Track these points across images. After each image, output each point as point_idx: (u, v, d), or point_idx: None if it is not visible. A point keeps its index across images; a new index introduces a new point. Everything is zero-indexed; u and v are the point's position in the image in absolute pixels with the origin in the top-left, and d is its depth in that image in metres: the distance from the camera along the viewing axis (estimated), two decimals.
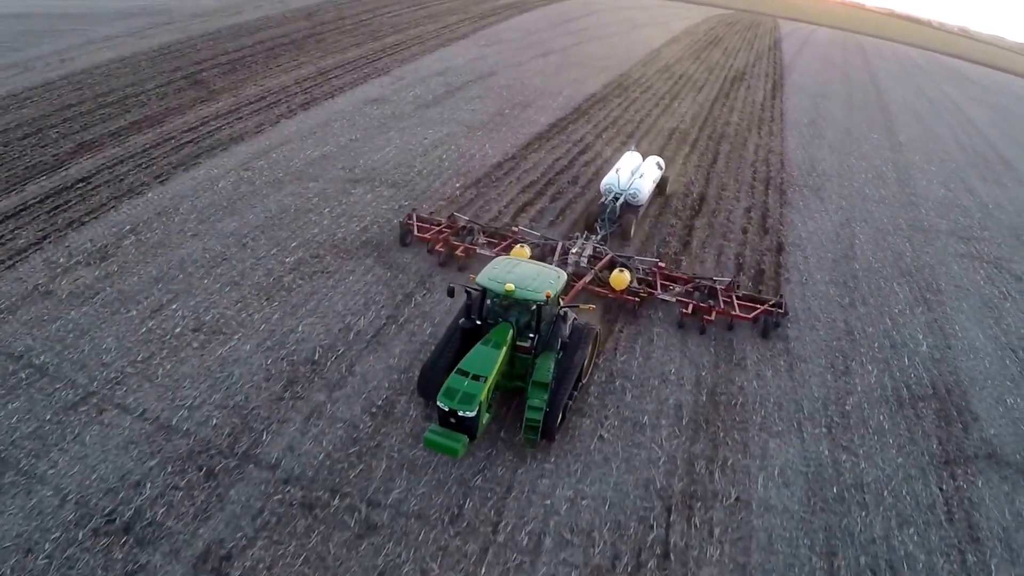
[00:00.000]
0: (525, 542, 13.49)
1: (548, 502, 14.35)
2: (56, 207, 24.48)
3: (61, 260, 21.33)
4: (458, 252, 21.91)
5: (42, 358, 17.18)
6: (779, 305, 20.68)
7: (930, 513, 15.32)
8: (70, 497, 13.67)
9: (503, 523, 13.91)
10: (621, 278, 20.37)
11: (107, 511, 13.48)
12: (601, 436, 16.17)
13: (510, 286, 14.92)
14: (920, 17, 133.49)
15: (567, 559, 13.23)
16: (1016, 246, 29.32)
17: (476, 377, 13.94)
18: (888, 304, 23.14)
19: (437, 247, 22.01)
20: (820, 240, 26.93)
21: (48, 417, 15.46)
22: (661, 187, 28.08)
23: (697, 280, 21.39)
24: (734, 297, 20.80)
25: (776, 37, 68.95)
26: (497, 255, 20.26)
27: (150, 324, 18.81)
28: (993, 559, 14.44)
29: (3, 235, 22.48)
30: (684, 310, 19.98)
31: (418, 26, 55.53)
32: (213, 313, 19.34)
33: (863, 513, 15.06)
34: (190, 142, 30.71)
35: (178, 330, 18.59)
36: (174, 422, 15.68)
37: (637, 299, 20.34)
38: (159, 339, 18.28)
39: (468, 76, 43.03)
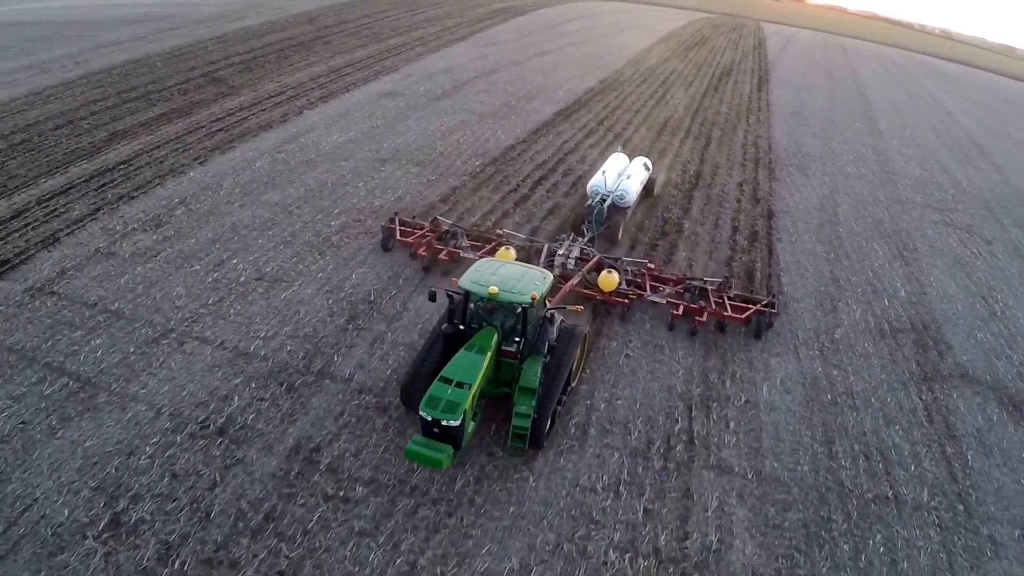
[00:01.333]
0: (573, 431, 15.97)
1: (588, 402, 16.85)
2: (102, 185, 26.57)
3: (118, 227, 23.47)
4: (441, 256, 21.30)
5: (116, 305, 19.27)
6: (772, 305, 20.37)
7: (912, 416, 17.87)
8: (163, 410, 15.70)
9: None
10: (610, 280, 19.94)
11: (200, 420, 15.54)
12: (627, 355, 18.72)
13: (493, 289, 14.32)
14: (902, 20, 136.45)
15: (609, 443, 15.74)
16: (986, 216, 32.22)
17: (460, 384, 13.41)
18: (869, 259, 25.86)
19: (420, 251, 21.54)
20: (806, 208, 29.69)
21: (132, 350, 17.55)
22: (649, 188, 27.94)
23: (687, 281, 21.01)
24: (725, 298, 20.47)
25: (760, 38, 72.33)
26: (481, 258, 19.17)
27: (215, 275, 21.01)
28: (969, 451, 16.90)
29: (57, 208, 24.58)
30: (675, 311, 19.63)
31: (418, 29, 58.19)
32: (272, 265, 21.62)
33: (854, 413, 17.60)
34: (220, 130, 32.91)
35: (242, 279, 20.85)
36: (251, 349, 17.86)
37: (626, 301, 19.97)
38: (225, 287, 20.49)
39: (472, 73, 45.66)
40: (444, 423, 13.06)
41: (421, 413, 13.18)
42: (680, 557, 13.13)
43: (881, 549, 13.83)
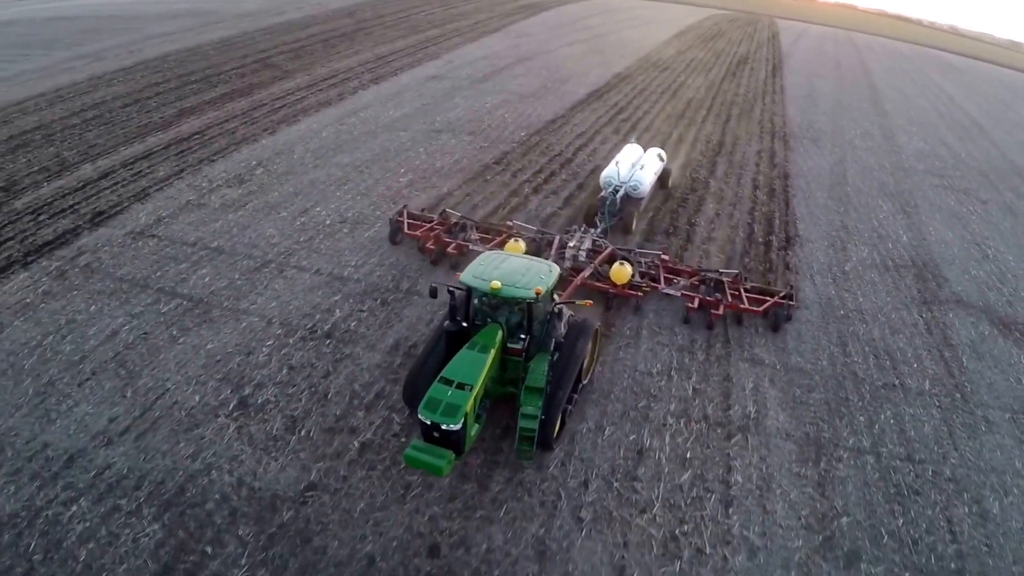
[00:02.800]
0: (628, 333, 19.31)
1: (640, 311, 20.37)
2: (181, 151, 29.80)
3: (203, 184, 26.72)
4: (450, 249, 21.10)
5: (215, 243, 22.42)
6: (790, 296, 19.80)
7: (914, 328, 21.10)
8: (274, 320, 18.69)
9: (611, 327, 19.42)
10: (622, 272, 19.52)
11: (308, 326, 18.59)
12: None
13: (496, 284, 13.63)
14: (911, 16, 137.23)
15: (659, 341, 19.04)
16: (983, 182, 35.45)
17: (461, 386, 12.66)
18: (875, 212, 29.18)
19: (428, 245, 21.24)
20: (818, 172, 33.05)
21: (236, 277, 20.62)
22: (663, 180, 27.46)
23: (702, 273, 20.63)
24: (742, 290, 20.02)
25: (774, 31, 75.64)
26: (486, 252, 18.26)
27: (302, 220, 24.32)
28: (963, 356, 19.88)
29: (142, 170, 27.75)
30: (690, 304, 19.30)
31: (453, 22, 61.86)
32: (353, 212, 25.08)
33: (864, 325, 20.86)
34: (283, 107, 36.37)
35: (328, 222, 24.23)
36: (345, 275, 21.06)
37: (639, 294, 19.55)
38: (313, 228, 23.78)
39: (509, 60, 49.26)
40: (444, 427, 12.24)
41: (420, 417, 12.37)
42: (725, 422, 16.34)
43: (891, 421, 16.87)
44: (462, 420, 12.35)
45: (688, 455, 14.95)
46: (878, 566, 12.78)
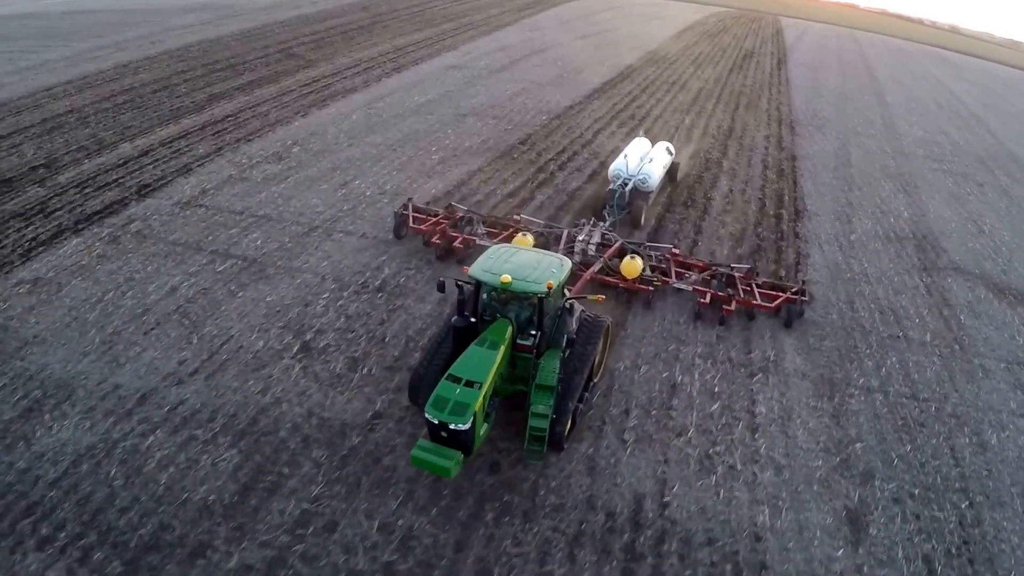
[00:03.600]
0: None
1: None
2: (217, 132, 31.19)
3: (243, 161, 28.16)
4: (456, 243, 20.92)
5: (262, 211, 23.96)
6: (802, 292, 19.69)
7: (915, 290, 22.82)
8: (327, 277, 20.19)
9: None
10: (633, 266, 19.16)
11: (360, 282, 20.11)
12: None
13: (506, 278, 13.11)
14: (912, 16, 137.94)
15: (685, 296, 20.86)
16: (979, 167, 37.22)
17: (469, 383, 12.21)
18: (877, 191, 30.93)
19: (434, 239, 20.97)
20: (823, 155, 34.81)
21: (286, 240, 22.18)
22: (672, 174, 27.20)
23: (714, 267, 20.37)
24: (754, 285, 19.87)
25: (777, 28, 77.44)
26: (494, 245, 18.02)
27: (343, 191, 25.89)
28: (961, 314, 21.58)
29: (181, 148, 29.10)
30: (702, 299, 19.03)
31: (465, 16, 63.52)
32: (391, 185, 26.70)
33: (869, 286, 22.58)
34: (311, 92, 37.79)
35: (368, 193, 25.85)
36: (390, 239, 22.63)
37: (650, 288, 19.26)
38: (355, 198, 25.38)
39: (524, 52, 50.96)
40: (452, 427, 11.85)
41: (427, 416, 12.00)
42: (747, 363, 17.98)
43: (897, 366, 18.55)
44: (471, 419, 11.86)
45: (716, 389, 16.66)
46: (890, 483, 14.45)
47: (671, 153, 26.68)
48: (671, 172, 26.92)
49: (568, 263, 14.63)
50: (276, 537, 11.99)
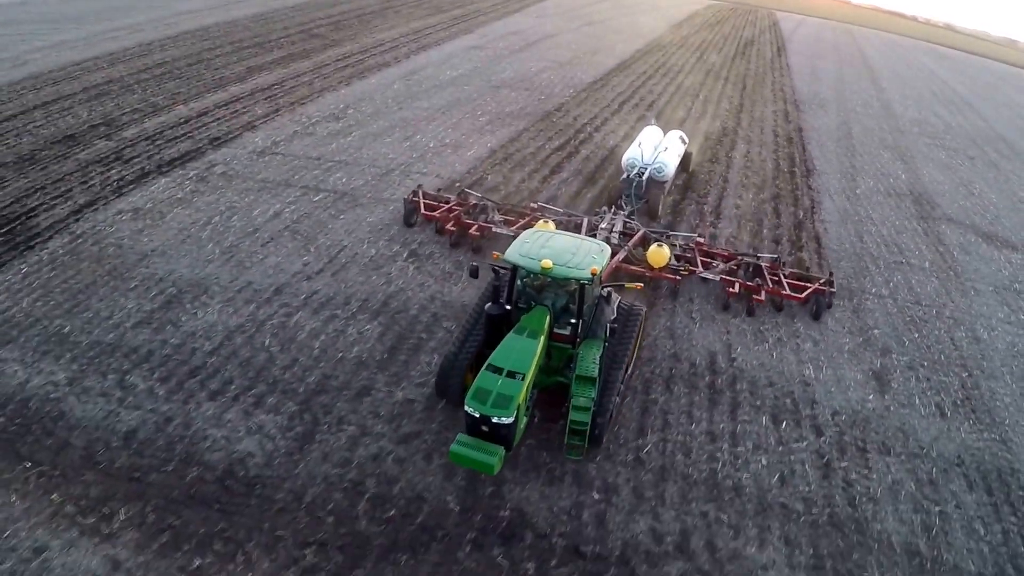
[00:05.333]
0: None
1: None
2: (268, 96, 33.73)
3: (303, 119, 30.83)
4: (472, 231, 20.23)
5: (338, 158, 26.67)
6: (830, 283, 19.21)
7: (914, 232, 26.12)
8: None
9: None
10: (660, 254, 18.48)
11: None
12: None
13: (547, 263, 12.44)
14: (906, 13, 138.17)
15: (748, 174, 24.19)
16: (970, 144, 40.77)
17: (511, 374, 11.61)
18: (877, 158, 34.36)
19: (447, 226, 20.38)
20: (827, 129, 38.22)
21: (369, 179, 25.08)
22: (685, 164, 26.66)
23: (740, 257, 19.88)
24: (781, 275, 19.30)
25: (773, 20, 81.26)
26: (516, 233, 17.45)
27: (407, 144, 28.76)
28: (955, 251, 24.85)
29: (238, 109, 31.63)
30: (730, 289, 18.47)
31: (473, 3, 66.24)
32: (450, 139, 29.58)
33: (874, 226, 25.84)
34: (347, 66, 40.35)
35: (431, 145, 28.83)
36: (459, 177, 25.74)
37: (677, 277, 18.65)
38: (420, 149, 28.29)
39: (537, 36, 54.09)
40: (495, 420, 11.26)
41: (467, 409, 11.42)
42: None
43: (902, 282, 21.79)
44: (515, 412, 11.29)
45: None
46: (904, 357, 17.76)
47: (684, 142, 26.13)
48: (684, 162, 26.38)
49: (607, 248, 13.89)
50: (428, 380, 14.87)
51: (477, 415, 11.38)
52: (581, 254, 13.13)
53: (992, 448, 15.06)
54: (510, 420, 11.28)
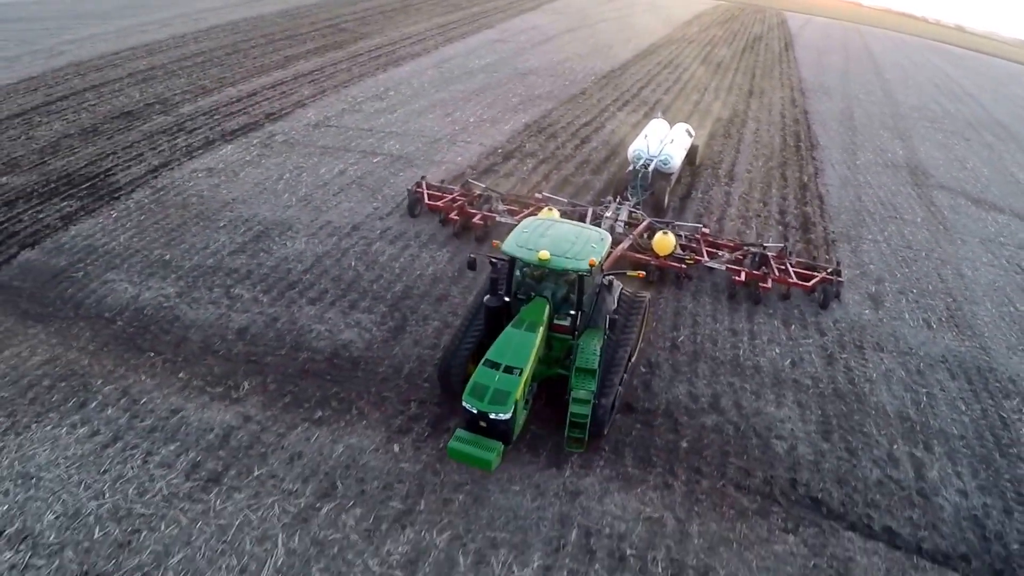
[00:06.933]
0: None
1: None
2: (311, 81, 36.64)
3: (349, 99, 33.85)
4: (475, 220, 20.31)
5: (389, 129, 29.71)
6: (837, 273, 19.11)
7: (909, 196, 28.83)
8: (466, 165, 26.44)
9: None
10: (666, 241, 18.38)
11: (494, 164, 26.68)
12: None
13: (544, 254, 12.28)
14: (916, 14, 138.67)
15: (758, 146, 27.13)
16: (967, 128, 43.37)
17: (509, 369, 11.53)
18: (877, 137, 37.07)
19: (451, 216, 20.50)
20: (831, 112, 41.04)
21: (420, 146, 27.98)
22: (691, 157, 26.84)
23: (746, 247, 19.76)
24: (788, 264, 19.16)
25: (781, 18, 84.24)
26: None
27: (448, 120, 31.71)
28: (945, 211, 27.45)
29: (286, 91, 34.62)
30: (736, 278, 18.27)
31: (490, 1, 69.56)
32: (487, 115, 32.52)
33: (871, 190, 28.42)
34: (379, 56, 43.36)
35: (472, 120, 31.84)
36: (500, 149, 28.50)
37: (683, 266, 18.53)
38: (462, 123, 31.28)
39: (555, 30, 57.17)
40: (493, 416, 11.26)
41: (465, 405, 11.39)
42: (784, 222, 24.48)
43: (895, 232, 24.41)
44: (512, 408, 11.25)
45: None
46: (896, 284, 20.52)
47: (691, 135, 26.26)
48: (691, 155, 26.56)
49: (608, 237, 13.64)
50: None
51: (475, 411, 11.33)
52: (580, 244, 12.84)
53: (973, 352, 17.81)
54: (508, 416, 11.25)
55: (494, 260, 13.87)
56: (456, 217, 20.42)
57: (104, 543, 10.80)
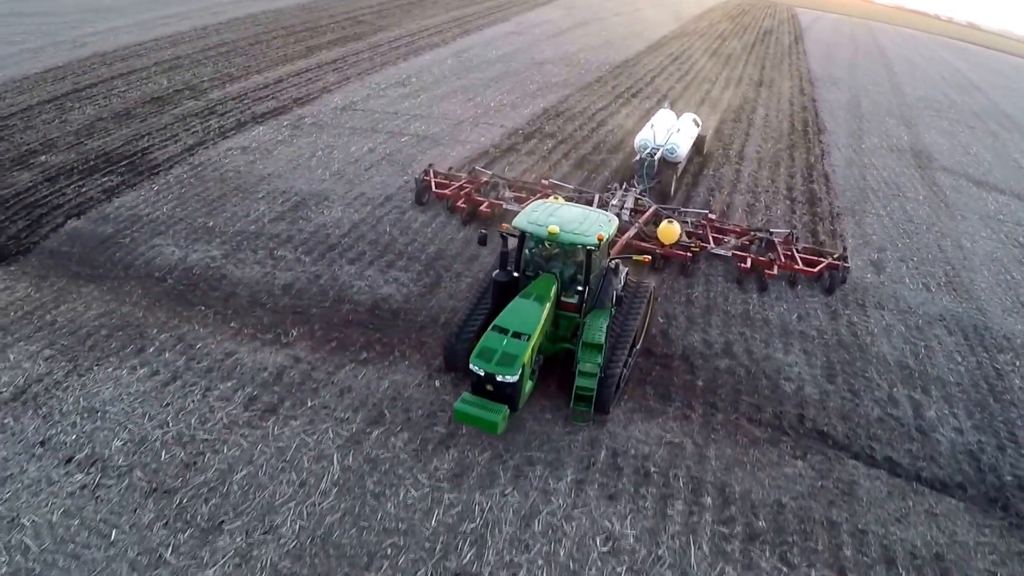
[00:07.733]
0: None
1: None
2: (335, 69, 37.76)
3: (373, 85, 35.14)
4: (483, 208, 20.68)
5: (413, 112, 31.00)
6: (843, 259, 19.05)
7: (913, 177, 29.91)
8: (489, 145, 27.76)
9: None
10: (671, 230, 18.39)
11: (523, 132, 28.37)
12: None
13: (554, 228, 12.72)
14: (928, 12, 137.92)
15: (767, 130, 28.40)
16: (972, 118, 44.40)
17: (517, 335, 11.86)
18: (883, 124, 38.17)
19: (458, 203, 20.77)
20: (839, 102, 42.16)
21: (444, 128, 29.29)
22: (699, 147, 26.93)
23: (752, 233, 19.86)
24: (794, 250, 19.25)
25: (792, 13, 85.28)
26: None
27: (471, 104, 33.01)
28: (947, 190, 28.62)
29: (311, 78, 35.80)
30: (742, 264, 18.40)
31: None
32: (507, 100, 33.83)
33: (875, 170, 29.54)
34: (400, 47, 44.55)
35: (493, 104, 33.13)
36: (520, 130, 29.81)
37: (689, 254, 18.52)
38: (483, 108, 32.57)
39: (568, 24, 58.39)
40: (499, 378, 11.53)
41: (472, 367, 11.71)
42: (790, 197, 25.73)
43: (898, 208, 25.64)
44: (520, 371, 11.53)
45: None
46: (897, 253, 21.72)
47: (698, 124, 26.51)
48: (698, 144, 26.57)
49: (615, 219, 14.03)
50: None
51: (482, 373, 11.61)
52: (588, 223, 13.29)
53: (970, 312, 19.04)
54: (515, 378, 11.51)
55: (505, 236, 13.84)
56: (463, 205, 20.72)
57: (171, 464, 12.00)
